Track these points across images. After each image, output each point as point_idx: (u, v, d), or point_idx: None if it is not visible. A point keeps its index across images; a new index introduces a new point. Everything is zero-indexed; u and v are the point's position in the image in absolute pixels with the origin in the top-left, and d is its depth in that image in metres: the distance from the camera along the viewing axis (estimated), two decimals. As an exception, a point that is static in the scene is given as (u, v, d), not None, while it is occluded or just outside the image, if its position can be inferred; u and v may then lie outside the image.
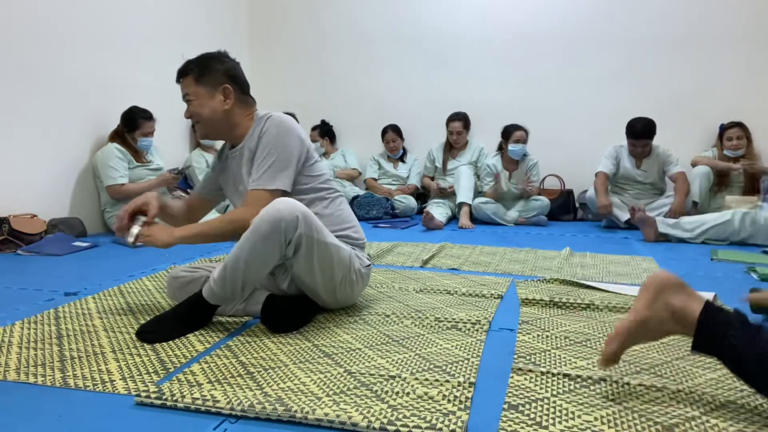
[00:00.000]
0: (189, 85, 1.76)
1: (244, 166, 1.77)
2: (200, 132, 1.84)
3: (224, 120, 1.78)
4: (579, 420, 1.09)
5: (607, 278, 2.39)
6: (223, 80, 1.77)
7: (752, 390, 1.15)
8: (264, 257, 1.54)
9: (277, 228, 1.51)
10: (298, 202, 1.57)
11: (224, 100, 1.76)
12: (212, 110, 1.76)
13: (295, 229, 1.53)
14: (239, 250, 1.54)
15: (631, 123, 4.00)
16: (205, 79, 1.76)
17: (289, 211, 1.52)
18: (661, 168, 4.10)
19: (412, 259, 2.75)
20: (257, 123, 1.78)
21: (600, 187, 4.02)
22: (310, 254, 1.59)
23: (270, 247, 1.53)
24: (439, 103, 4.93)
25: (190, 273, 1.80)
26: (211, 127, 1.80)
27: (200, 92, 1.75)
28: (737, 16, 4.41)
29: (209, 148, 4.40)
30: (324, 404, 1.13)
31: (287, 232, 1.52)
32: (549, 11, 4.78)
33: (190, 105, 1.77)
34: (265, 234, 1.51)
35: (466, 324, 1.69)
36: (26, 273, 2.42)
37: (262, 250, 1.53)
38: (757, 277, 2.43)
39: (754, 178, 4.07)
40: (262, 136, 1.72)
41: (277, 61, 5.41)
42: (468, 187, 4.24)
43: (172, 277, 1.80)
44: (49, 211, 3.28)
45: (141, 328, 1.58)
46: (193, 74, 1.76)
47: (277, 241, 1.52)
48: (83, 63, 3.48)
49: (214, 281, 1.57)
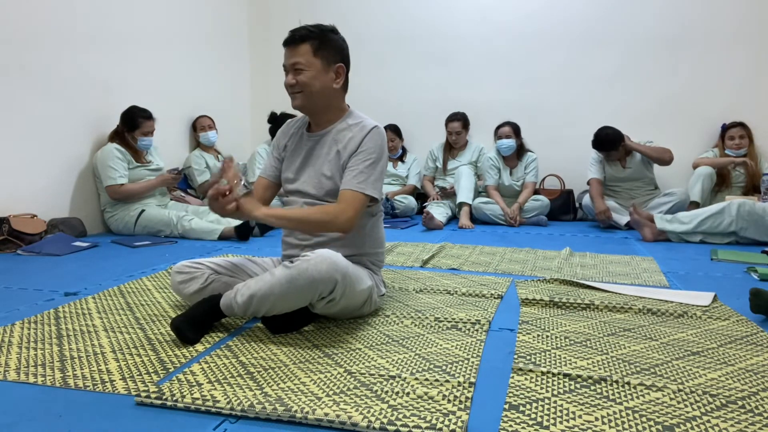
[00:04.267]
0: (305, 53, 1.69)
1: (329, 153, 1.76)
2: (297, 103, 1.76)
3: (327, 98, 1.76)
4: (579, 420, 1.09)
5: (607, 278, 2.39)
6: (339, 59, 1.75)
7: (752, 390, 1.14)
8: (292, 303, 1.55)
9: (313, 287, 1.51)
10: (343, 261, 1.55)
11: (335, 78, 1.75)
12: (322, 85, 1.72)
13: (330, 291, 1.54)
14: (270, 290, 1.52)
15: (595, 135, 4.04)
16: (323, 52, 1.71)
17: (330, 275, 1.50)
18: (645, 161, 4.09)
19: (412, 259, 2.75)
20: (355, 121, 1.78)
21: (595, 194, 4.04)
22: (336, 305, 1.60)
23: (301, 298, 1.54)
24: (439, 103, 4.93)
25: (195, 268, 1.79)
26: (312, 102, 1.75)
27: (315, 64, 1.70)
28: (737, 16, 4.40)
29: (209, 148, 4.40)
30: (324, 404, 1.13)
31: (323, 292, 1.53)
32: (549, 11, 4.77)
33: (300, 74, 1.70)
34: (300, 288, 1.51)
35: (466, 324, 1.69)
36: (26, 273, 2.42)
37: (292, 298, 1.53)
38: (757, 277, 2.43)
39: (755, 178, 4.08)
40: (366, 140, 1.72)
41: (277, 61, 5.36)
42: (468, 187, 4.24)
43: (176, 272, 1.79)
44: (49, 211, 3.28)
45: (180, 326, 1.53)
46: (312, 44, 1.69)
47: (310, 296, 1.53)
48: (83, 63, 3.48)
49: (236, 304, 1.57)
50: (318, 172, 1.77)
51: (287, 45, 1.72)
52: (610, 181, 4.17)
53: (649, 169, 4.13)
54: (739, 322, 1.76)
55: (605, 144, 3.99)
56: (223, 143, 4.66)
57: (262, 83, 5.45)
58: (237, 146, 5.13)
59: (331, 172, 1.75)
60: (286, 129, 1.93)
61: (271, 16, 5.38)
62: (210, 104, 4.65)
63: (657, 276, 2.43)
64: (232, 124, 5.09)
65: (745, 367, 1.38)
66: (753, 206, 3.28)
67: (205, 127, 4.36)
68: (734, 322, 1.75)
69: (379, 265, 1.89)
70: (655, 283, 2.31)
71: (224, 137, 4.67)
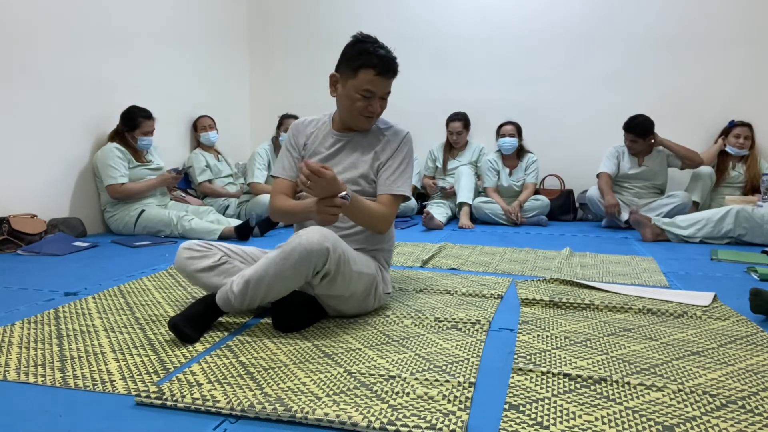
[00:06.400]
0: (391, 83, 1.83)
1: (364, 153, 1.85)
2: (368, 125, 1.87)
3: None
4: (580, 420, 1.09)
5: (607, 278, 2.39)
6: None
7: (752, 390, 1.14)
8: (288, 282, 1.55)
9: (307, 259, 1.51)
10: (332, 234, 1.56)
11: None
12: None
13: (324, 263, 1.53)
14: (265, 271, 1.54)
15: (631, 117, 4.06)
16: None
17: (320, 244, 1.50)
18: (663, 164, 4.10)
19: (412, 259, 2.75)
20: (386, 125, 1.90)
21: (605, 187, 4.04)
22: (333, 282, 1.60)
23: (296, 275, 1.54)
24: (439, 103, 4.93)
25: (206, 248, 1.78)
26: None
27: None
28: (737, 16, 4.40)
29: (209, 148, 4.40)
30: (324, 404, 1.13)
31: (317, 264, 1.53)
32: (549, 11, 4.77)
33: (384, 102, 1.84)
34: (295, 263, 1.51)
35: (466, 324, 1.69)
36: (26, 273, 2.42)
37: (288, 276, 1.53)
38: (757, 277, 2.43)
39: (755, 178, 4.08)
40: (401, 147, 1.86)
41: (277, 61, 5.41)
42: (468, 187, 4.24)
43: (185, 248, 1.77)
44: (49, 211, 3.28)
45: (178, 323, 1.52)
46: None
47: (305, 270, 1.53)
48: (83, 63, 3.48)
49: (233, 294, 1.57)
50: (352, 168, 1.83)
51: (386, 75, 1.77)
52: (621, 177, 4.16)
53: (664, 172, 4.13)
54: (739, 322, 1.76)
55: (638, 128, 3.98)
56: (223, 143, 4.66)
57: (262, 83, 5.45)
58: (237, 146, 5.14)
59: (366, 170, 1.82)
60: (300, 128, 1.94)
61: (272, 16, 5.37)
62: (210, 104, 4.65)
63: (657, 276, 2.43)
64: (232, 124, 5.09)
65: (745, 367, 1.38)
66: (751, 213, 3.28)
67: (205, 127, 4.36)
68: (734, 322, 1.75)
69: (389, 262, 1.93)
70: (655, 283, 2.31)
71: (224, 137, 4.67)
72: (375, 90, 1.76)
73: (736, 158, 4.20)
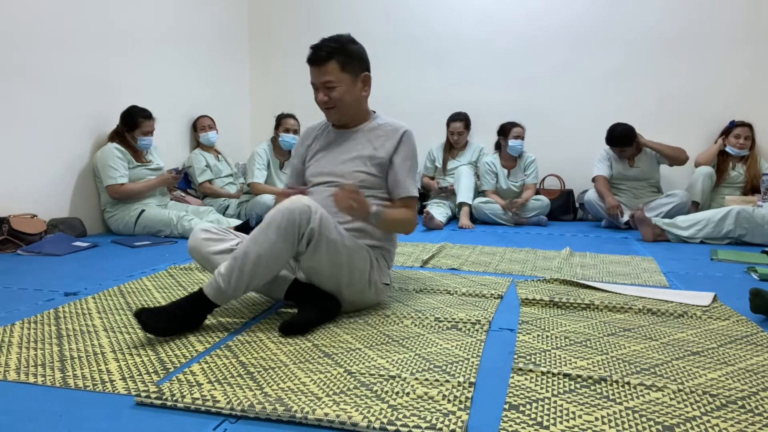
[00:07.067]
0: (333, 71, 1.77)
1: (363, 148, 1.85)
2: (333, 117, 1.88)
3: (358, 107, 1.86)
4: (580, 420, 1.09)
5: (607, 278, 2.39)
6: (363, 68, 1.83)
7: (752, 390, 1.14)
8: (277, 250, 1.55)
9: (292, 219, 1.53)
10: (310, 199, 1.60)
11: (363, 87, 1.84)
12: (354, 98, 1.82)
13: (308, 221, 1.55)
14: (252, 242, 1.55)
15: (610, 129, 4.07)
16: (349, 66, 1.79)
17: (301, 202, 1.55)
18: (653, 162, 4.11)
19: (412, 259, 2.75)
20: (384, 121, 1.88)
21: (603, 189, 4.05)
22: (318, 248, 1.60)
23: (284, 239, 1.54)
24: (439, 103, 4.93)
25: (223, 233, 1.80)
26: (346, 114, 1.86)
27: (345, 79, 1.78)
28: (737, 16, 4.40)
29: (209, 148, 4.39)
30: (324, 404, 1.13)
31: (301, 224, 1.54)
32: (549, 11, 4.78)
33: (333, 91, 1.79)
34: (280, 224, 1.53)
35: (466, 324, 1.69)
36: (26, 273, 2.42)
37: (275, 241, 1.53)
38: (757, 277, 2.43)
39: (755, 178, 4.08)
40: (402, 145, 1.84)
41: (277, 61, 5.41)
42: (468, 187, 4.24)
43: (202, 230, 1.79)
44: (49, 211, 3.28)
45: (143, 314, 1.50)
46: (338, 60, 1.77)
47: (292, 233, 1.54)
48: (83, 63, 3.48)
49: (220, 275, 1.56)
50: (350, 161, 1.84)
51: (313, 63, 1.78)
52: (616, 179, 4.17)
53: (656, 170, 4.14)
54: (739, 322, 1.76)
55: (620, 139, 4.00)
56: (223, 143, 4.66)
57: (262, 83, 5.44)
58: (237, 146, 5.14)
59: (364, 164, 1.83)
60: (306, 134, 2.00)
61: (272, 16, 5.37)
62: (210, 104, 4.65)
63: (657, 276, 2.43)
64: (232, 124, 5.09)
65: (745, 367, 1.38)
66: (752, 214, 3.28)
67: (205, 127, 4.36)
68: (734, 322, 1.75)
69: (391, 258, 1.94)
70: (655, 283, 2.31)
71: (224, 137, 4.67)
72: (313, 80, 1.80)
73: (737, 158, 4.20)
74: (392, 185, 1.87)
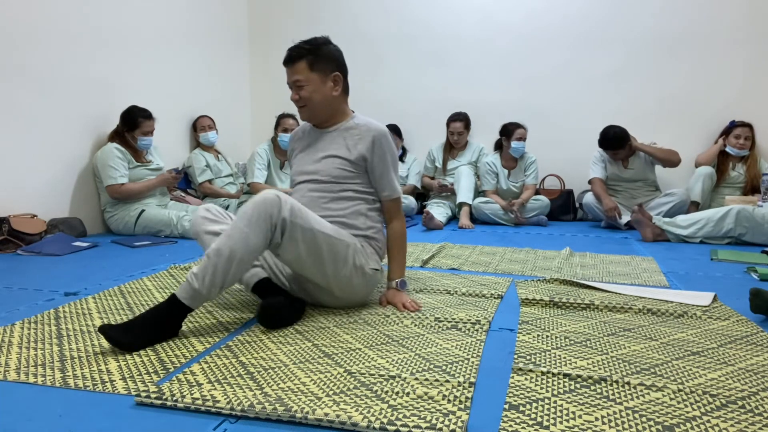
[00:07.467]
0: (302, 71, 1.82)
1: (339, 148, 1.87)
2: (305, 116, 1.92)
3: (330, 106, 1.89)
4: (580, 420, 1.09)
5: (607, 278, 2.39)
6: (334, 67, 1.86)
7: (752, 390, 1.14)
8: (251, 243, 1.55)
9: (262, 210, 1.55)
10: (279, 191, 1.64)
11: (334, 86, 1.86)
12: (323, 97, 1.85)
13: (279, 211, 1.57)
14: (226, 237, 1.55)
15: (603, 132, 4.06)
16: (318, 65, 1.83)
17: (270, 193, 1.58)
18: (648, 162, 4.10)
19: (412, 259, 2.75)
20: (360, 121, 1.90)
21: (600, 192, 4.05)
22: (294, 238, 1.61)
23: (256, 232, 1.55)
24: (439, 103, 4.93)
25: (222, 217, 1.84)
26: (317, 113, 1.89)
27: (313, 78, 1.83)
28: (737, 16, 4.40)
29: (209, 148, 4.39)
30: (324, 404, 1.13)
31: (272, 214, 1.56)
32: (549, 11, 4.77)
33: (302, 90, 1.84)
34: (251, 217, 1.55)
35: (466, 324, 1.69)
36: (26, 273, 2.42)
37: (248, 234, 1.54)
38: (757, 277, 2.43)
39: (755, 178, 4.08)
40: (377, 145, 1.86)
41: (277, 61, 5.37)
42: (468, 187, 4.24)
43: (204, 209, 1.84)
44: (49, 211, 3.28)
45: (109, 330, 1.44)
46: (308, 60, 1.82)
47: (264, 224, 1.55)
48: (83, 63, 3.48)
49: (193, 275, 1.52)
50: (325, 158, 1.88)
51: (286, 64, 1.85)
52: (611, 180, 4.17)
53: (651, 170, 4.13)
54: (739, 322, 1.76)
55: (612, 142, 4.00)
56: (223, 143, 4.66)
57: (262, 83, 5.44)
58: (237, 146, 5.14)
59: (341, 162, 1.86)
60: (293, 136, 2.08)
61: (272, 16, 5.38)
62: (210, 104, 4.65)
63: (657, 276, 2.43)
64: (232, 124, 5.09)
65: (745, 367, 1.38)
66: (752, 213, 3.28)
67: (205, 127, 4.36)
68: (734, 322, 1.75)
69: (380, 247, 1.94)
70: (655, 283, 2.31)
71: (224, 137, 4.67)
72: (287, 80, 1.85)
73: (737, 158, 4.20)
74: (377, 187, 1.91)
